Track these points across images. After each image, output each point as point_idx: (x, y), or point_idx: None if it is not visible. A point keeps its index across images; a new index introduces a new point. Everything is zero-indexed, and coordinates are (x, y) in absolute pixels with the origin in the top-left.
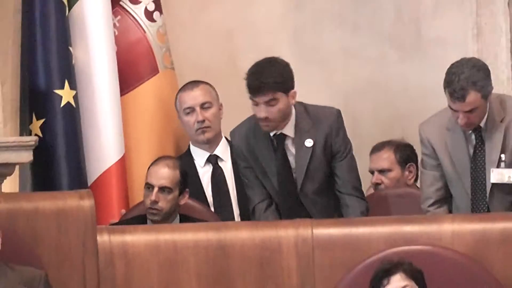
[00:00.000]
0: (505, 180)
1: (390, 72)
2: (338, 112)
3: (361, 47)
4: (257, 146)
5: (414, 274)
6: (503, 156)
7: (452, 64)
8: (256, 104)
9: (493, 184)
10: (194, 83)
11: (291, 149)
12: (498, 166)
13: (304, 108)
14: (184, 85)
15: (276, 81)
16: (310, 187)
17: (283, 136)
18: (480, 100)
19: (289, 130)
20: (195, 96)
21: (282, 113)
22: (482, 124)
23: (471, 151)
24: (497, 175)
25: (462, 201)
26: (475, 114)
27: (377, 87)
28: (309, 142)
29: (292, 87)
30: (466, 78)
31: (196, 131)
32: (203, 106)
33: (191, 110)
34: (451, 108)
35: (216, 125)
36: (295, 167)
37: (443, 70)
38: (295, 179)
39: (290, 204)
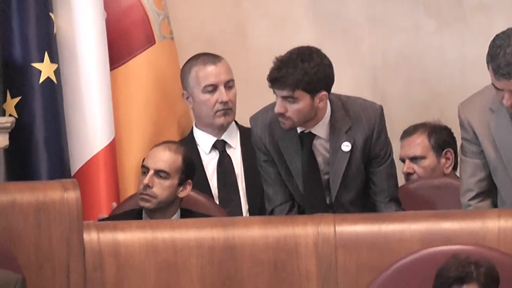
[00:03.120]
0: None
1: (425, 44)
2: (381, 109)
3: (391, 15)
4: (282, 139)
5: (489, 285)
6: None
7: (497, 35)
8: (276, 95)
9: None
10: (215, 57)
11: (321, 150)
12: None
13: (341, 103)
14: (199, 57)
15: (297, 78)
16: (347, 196)
17: (312, 136)
18: None
19: (320, 129)
20: (219, 72)
21: (303, 114)
22: None
23: None
24: None
25: (509, 194)
26: None
27: (410, 62)
28: (346, 146)
29: (322, 89)
30: None
31: (216, 113)
32: (227, 85)
33: (214, 88)
34: (495, 87)
35: (235, 107)
36: (329, 174)
37: (487, 42)
38: (325, 184)
39: (317, 212)
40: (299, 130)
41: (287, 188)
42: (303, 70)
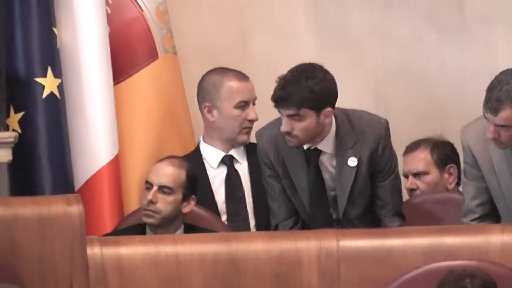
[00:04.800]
0: None
1: (427, 56)
2: (387, 124)
3: (392, 26)
4: (287, 154)
5: None
6: None
7: (504, 71)
8: (280, 113)
9: None
10: (243, 74)
11: (327, 166)
12: None
13: (347, 118)
14: (227, 71)
15: (302, 96)
16: (354, 211)
17: (318, 152)
18: None
19: (325, 145)
20: (251, 90)
21: (309, 132)
22: None
23: None
24: None
25: (508, 220)
26: (508, 134)
27: (411, 73)
28: (352, 162)
29: (327, 105)
30: (508, 91)
31: (242, 129)
32: (254, 103)
33: (246, 104)
34: (485, 117)
35: None
36: (336, 189)
37: (488, 55)
38: (330, 200)
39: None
40: (305, 146)
41: (291, 203)
42: (307, 88)
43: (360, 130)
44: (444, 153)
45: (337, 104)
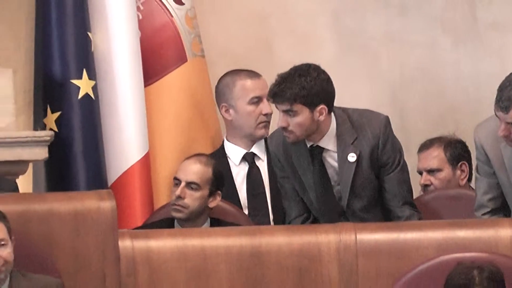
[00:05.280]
0: None
1: (441, 60)
2: (386, 120)
3: (408, 31)
4: (295, 155)
5: None
6: None
7: None
8: (278, 110)
9: None
10: (254, 72)
11: (331, 162)
12: None
13: (347, 116)
14: (240, 72)
15: (295, 92)
16: (358, 204)
17: (320, 149)
18: None
19: (327, 142)
20: (263, 86)
21: (304, 127)
22: None
23: None
24: None
25: None
26: None
27: (426, 77)
28: (352, 157)
29: (320, 103)
30: None
31: (258, 124)
32: (268, 98)
33: (259, 100)
34: (496, 115)
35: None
36: (340, 184)
37: (500, 58)
38: (337, 194)
39: (331, 221)
40: (308, 144)
41: (302, 202)
42: (299, 85)
43: (360, 127)
44: (457, 151)
45: (355, 106)
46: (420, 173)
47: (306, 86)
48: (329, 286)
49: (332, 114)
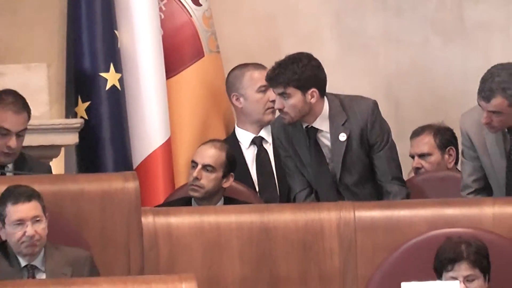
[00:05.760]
0: None
1: (433, 57)
2: (374, 104)
3: (403, 31)
4: (294, 136)
5: (480, 262)
6: None
7: (496, 65)
8: (275, 93)
9: None
10: (260, 65)
11: (324, 141)
12: None
13: (339, 102)
14: (247, 65)
15: (288, 77)
16: (349, 179)
17: (314, 129)
18: (507, 107)
19: (321, 124)
20: None
21: (298, 109)
22: None
23: (508, 150)
24: None
25: (499, 194)
26: (500, 119)
27: (419, 72)
28: (342, 136)
29: (311, 86)
30: (499, 83)
31: (266, 110)
32: None
33: (266, 88)
34: (479, 104)
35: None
36: (331, 160)
37: (486, 55)
38: (332, 170)
39: (327, 194)
40: (304, 126)
41: (304, 177)
42: (292, 70)
43: (350, 110)
44: (445, 137)
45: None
46: (412, 157)
47: (297, 71)
48: (331, 258)
49: (325, 98)
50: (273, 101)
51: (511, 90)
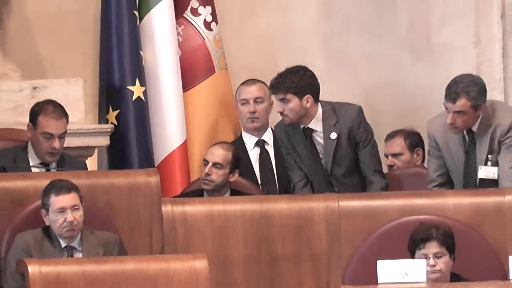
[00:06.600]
0: (490, 176)
1: (404, 72)
2: (360, 108)
3: (380, 51)
4: (293, 136)
5: (447, 242)
6: (490, 156)
7: (459, 75)
8: (276, 99)
9: (480, 179)
10: (253, 81)
11: (318, 140)
12: (485, 164)
13: (331, 107)
14: (245, 81)
15: (288, 85)
16: (338, 171)
17: (310, 130)
18: (469, 108)
19: (315, 125)
20: (251, 91)
21: (295, 112)
22: (474, 129)
23: (466, 149)
24: (484, 172)
25: (460, 186)
26: (463, 119)
27: (393, 85)
28: (333, 135)
29: (307, 93)
30: (463, 87)
31: (247, 120)
32: (256, 100)
33: (246, 102)
34: (445, 108)
35: (264, 117)
36: (323, 155)
37: (449, 71)
38: (324, 164)
39: (320, 184)
40: (301, 127)
41: (302, 171)
42: (290, 79)
43: (340, 114)
44: (414, 140)
45: None
46: (387, 156)
47: (295, 80)
48: (319, 240)
49: (319, 103)
50: (251, 112)
51: (473, 93)
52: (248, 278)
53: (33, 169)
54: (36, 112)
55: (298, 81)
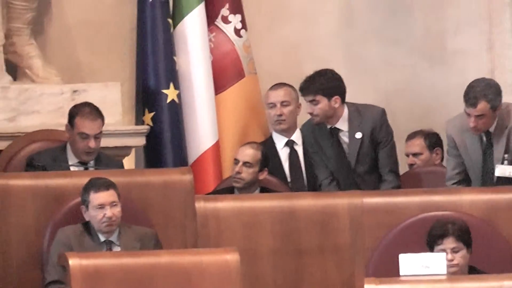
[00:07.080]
0: (506, 174)
1: (421, 77)
2: (383, 110)
3: (398, 57)
4: (320, 136)
5: (463, 237)
6: (506, 155)
7: (475, 79)
8: (306, 100)
9: (497, 177)
10: (280, 85)
11: (344, 139)
12: (502, 163)
13: (355, 108)
14: (273, 85)
15: (317, 87)
16: (361, 168)
17: (337, 130)
18: (489, 110)
19: (341, 124)
20: (277, 95)
21: (324, 112)
22: (491, 130)
23: (483, 149)
24: (501, 170)
25: (477, 184)
26: (483, 121)
27: (410, 89)
28: (358, 135)
29: (335, 94)
30: (480, 91)
31: (274, 122)
32: (282, 104)
33: (273, 105)
34: (466, 113)
35: (291, 119)
36: (348, 154)
37: (463, 76)
38: (349, 162)
39: (345, 182)
40: (328, 127)
41: (328, 168)
42: (319, 82)
43: (364, 115)
44: (433, 140)
45: None
46: (407, 155)
47: (324, 82)
48: (343, 235)
49: (345, 105)
50: (278, 115)
51: (491, 95)
52: (276, 270)
53: (72, 168)
54: (73, 113)
55: (327, 83)
